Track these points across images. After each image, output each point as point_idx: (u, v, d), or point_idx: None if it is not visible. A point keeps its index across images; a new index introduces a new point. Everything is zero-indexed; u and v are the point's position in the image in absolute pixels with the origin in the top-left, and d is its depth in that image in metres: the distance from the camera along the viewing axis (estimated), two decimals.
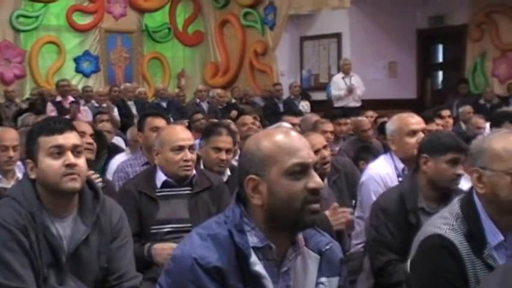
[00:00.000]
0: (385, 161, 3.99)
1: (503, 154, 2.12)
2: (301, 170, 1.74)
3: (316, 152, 4.11)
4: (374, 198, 3.80)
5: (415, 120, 3.90)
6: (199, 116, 8.09)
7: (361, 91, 11.26)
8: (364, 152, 5.33)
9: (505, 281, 1.27)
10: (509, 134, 2.21)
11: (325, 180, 4.31)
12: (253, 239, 1.76)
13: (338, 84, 11.30)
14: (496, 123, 4.63)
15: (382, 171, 3.88)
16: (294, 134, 1.83)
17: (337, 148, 6.66)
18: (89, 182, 2.42)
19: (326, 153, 4.14)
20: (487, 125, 5.96)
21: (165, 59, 13.99)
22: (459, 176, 3.03)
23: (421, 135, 3.75)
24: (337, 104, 11.19)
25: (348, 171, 4.52)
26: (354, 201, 4.26)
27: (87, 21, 13.08)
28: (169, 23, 14.05)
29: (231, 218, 1.79)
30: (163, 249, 3.13)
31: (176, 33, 14.15)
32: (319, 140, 4.13)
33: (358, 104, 11.15)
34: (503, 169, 2.10)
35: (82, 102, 10.66)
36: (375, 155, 4.92)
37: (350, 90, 11.13)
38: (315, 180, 1.75)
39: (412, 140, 3.77)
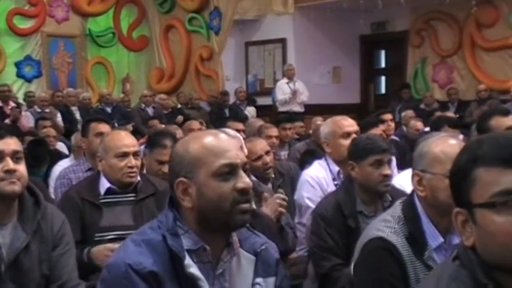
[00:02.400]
0: (319, 165, 4.03)
1: (442, 157, 2.16)
2: (229, 171, 1.75)
3: (259, 157, 4.15)
4: (308, 203, 3.87)
5: (348, 123, 3.96)
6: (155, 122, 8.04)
7: (305, 96, 11.38)
8: (309, 156, 5.38)
9: (440, 282, 1.31)
10: (448, 138, 2.27)
11: (270, 185, 4.34)
12: (187, 242, 1.76)
13: (283, 89, 11.40)
14: (435, 127, 4.74)
15: (316, 175, 3.93)
16: (222, 135, 1.83)
17: (282, 153, 6.71)
18: (30, 189, 2.37)
19: (268, 159, 4.19)
20: (427, 129, 6.10)
21: (110, 64, 13.82)
22: (386, 176, 3.09)
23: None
24: (282, 109, 11.27)
25: (292, 176, 4.55)
26: None
27: (28, 25, 12.81)
28: (114, 27, 13.89)
29: (164, 222, 1.78)
30: (101, 251, 3.07)
31: (121, 38, 14.00)
32: (261, 145, 4.17)
33: (302, 110, 11.28)
34: (442, 172, 2.14)
35: (24, 107, 10.45)
36: (321, 158, 4.98)
37: (294, 93, 11.23)
38: (244, 180, 1.76)
39: (346, 142, 3.77)
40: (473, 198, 1.27)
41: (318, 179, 3.92)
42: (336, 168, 3.91)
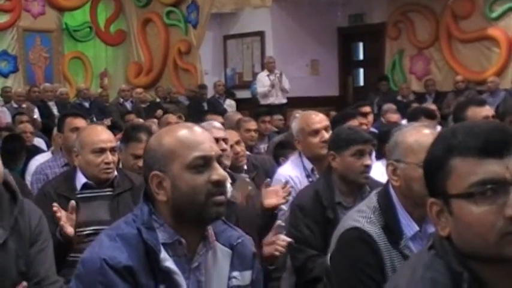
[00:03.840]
0: (293, 163, 4.00)
1: (415, 147, 2.18)
2: (203, 163, 1.74)
3: (230, 147, 4.17)
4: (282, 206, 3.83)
5: (317, 119, 3.88)
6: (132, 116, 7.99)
7: (287, 87, 11.40)
8: (282, 148, 5.37)
9: (415, 271, 1.31)
10: (421, 127, 2.29)
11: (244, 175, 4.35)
12: (162, 235, 1.76)
13: (263, 82, 11.40)
14: (412, 119, 4.77)
15: (290, 174, 3.90)
16: (196, 128, 1.83)
17: (262, 146, 6.71)
18: (6, 184, 2.34)
19: (239, 148, 4.23)
20: (404, 121, 6.14)
21: (87, 59, 13.71)
22: (367, 167, 3.10)
23: (324, 133, 3.77)
24: (263, 101, 11.28)
25: (267, 169, 4.55)
26: None
27: (4, 20, 12.65)
28: (91, 21, 13.77)
29: (139, 216, 1.78)
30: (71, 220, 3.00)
31: (98, 32, 13.89)
32: (231, 136, 4.18)
33: (285, 101, 11.30)
34: (415, 161, 2.15)
35: (0, 103, 10.35)
36: (293, 150, 4.99)
37: (273, 85, 11.24)
38: (218, 172, 1.75)
39: (316, 140, 3.79)
40: (450, 189, 1.26)
41: (291, 178, 3.88)
42: (309, 165, 3.87)
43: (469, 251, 1.26)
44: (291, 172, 3.91)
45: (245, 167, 4.40)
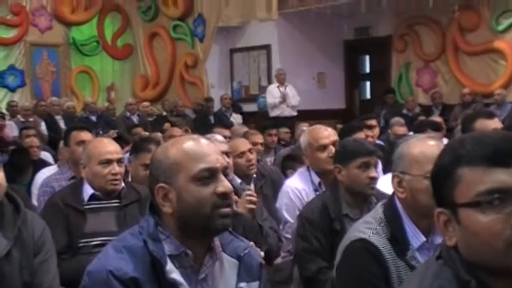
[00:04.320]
0: (301, 176, 4.00)
1: (420, 158, 2.18)
2: (209, 175, 1.74)
3: (242, 154, 4.24)
4: (286, 217, 3.85)
5: (325, 134, 3.87)
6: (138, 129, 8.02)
7: (296, 100, 11.43)
8: (290, 161, 5.39)
9: (423, 281, 1.31)
10: (426, 139, 2.29)
11: (252, 185, 4.37)
12: (168, 247, 1.76)
13: (273, 93, 11.45)
14: (419, 131, 4.77)
15: (297, 187, 3.90)
16: (202, 140, 1.83)
17: (268, 159, 6.72)
18: (9, 196, 2.35)
19: (251, 156, 4.28)
20: (411, 133, 6.14)
21: (94, 73, 13.79)
22: (373, 179, 3.10)
23: (331, 148, 3.75)
24: (272, 113, 11.34)
25: (274, 179, 4.57)
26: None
27: (11, 35, 12.75)
28: (98, 36, 13.86)
29: (145, 228, 1.77)
30: None
31: (105, 46, 13.97)
32: (244, 143, 4.29)
33: (294, 113, 11.33)
34: (421, 173, 2.15)
35: (7, 117, 10.39)
36: (302, 163, 5.01)
37: (284, 97, 11.28)
38: (224, 184, 1.75)
39: (323, 155, 3.78)
40: (457, 198, 1.26)
41: (298, 191, 3.88)
42: (317, 179, 3.87)
43: (476, 260, 1.25)
44: (299, 185, 3.91)
45: (254, 175, 4.43)
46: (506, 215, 1.21)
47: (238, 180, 4.33)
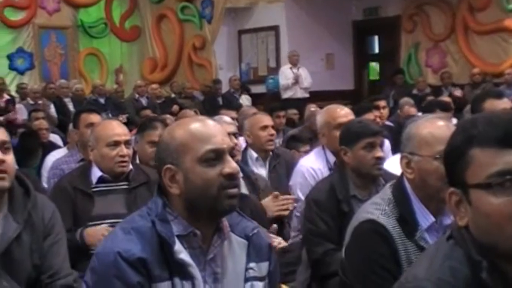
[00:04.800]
0: (316, 155, 4.01)
1: (429, 139, 2.16)
2: (215, 157, 1.74)
3: (265, 127, 4.39)
4: (300, 196, 3.86)
5: (342, 113, 3.89)
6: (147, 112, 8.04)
7: (308, 82, 11.41)
8: (294, 141, 5.40)
9: (434, 261, 1.30)
10: (435, 120, 2.27)
11: (267, 163, 4.40)
12: (177, 228, 1.76)
13: (286, 74, 11.43)
14: (427, 112, 4.75)
15: (313, 167, 3.91)
16: (209, 121, 1.83)
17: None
18: (19, 179, 2.36)
19: (273, 131, 4.46)
20: (419, 114, 6.13)
21: (102, 55, 13.77)
22: (379, 159, 3.08)
23: None
24: (285, 95, 11.35)
25: (287, 159, 4.60)
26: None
27: (20, 17, 12.74)
28: (105, 18, 13.82)
29: (153, 209, 1.78)
30: (96, 231, 3.08)
31: (113, 29, 13.94)
32: (267, 118, 4.54)
33: (307, 95, 11.31)
34: (430, 154, 2.14)
35: (17, 100, 10.42)
36: (305, 143, 5.06)
37: (297, 79, 11.26)
38: (230, 165, 1.75)
39: None
40: (469, 179, 1.26)
41: (314, 170, 3.90)
42: (332, 159, 3.87)
43: (487, 242, 1.25)
44: (314, 164, 3.93)
45: (272, 148, 4.52)
46: None
47: (255, 155, 4.39)
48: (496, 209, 1.22)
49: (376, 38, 13.69)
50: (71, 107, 10.64)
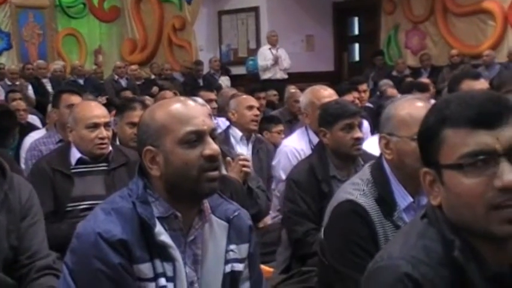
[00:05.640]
0: (299, 136, 4.04)
1: (408, 120, 2.17)
2: (196, 138, 1.73)
3: (250, 107, 4.48)
4: (282, 175, 3.88)
5: (327, 93, 3.95)
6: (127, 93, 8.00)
7: (287, 63, 11.40)
8: (266, 122, 5.40)
9: (408, 239, 1.32)
10: (414, 100, 2.28)
11: (250, 144, 4.43)
12: (158, 209, 1.76)
13: (265, 55, 11.41)
14: (405, 93, 4.79)
15: (295, 147, 3.93)
16: (190, 102, 1.81)
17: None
18: None
19: (258, 112, 4.57)
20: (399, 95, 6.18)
21: (81, 36, 13.62)
22: (357, 139, 3.11)
23: None
24: (264, 76, 11.33)
25: (269, 149, 4.64)
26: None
27: None
28: None
29: (134, 190, 1.77)
30: None
31: (91, 9, 13.78)
32: (252, 99, 4.68)
33: (285, 76, 11.31)
34: (408, 135, 2.15)
35: None
36: (277, 124, 5.10)
37: (276, 60, 11.24)
38: (211, 147, 1.74)
39: None
40: (441, 159, 1.27)
41: (297, 151, 3.92)
42: (316, 139, 3.88)
43: (459, 221, 1.27)
44: (296, 144, 3.95)
45: (253, 137, 4.57)
46: (488, 177, 1.22)
47: (239, 134, 4.43)
48: (467, 189, 1.23)
49: (356, 19, 13.69)
50: (49, 88, 10.54)
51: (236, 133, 4.48)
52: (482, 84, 3.93)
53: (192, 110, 1.77)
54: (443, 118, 1.27)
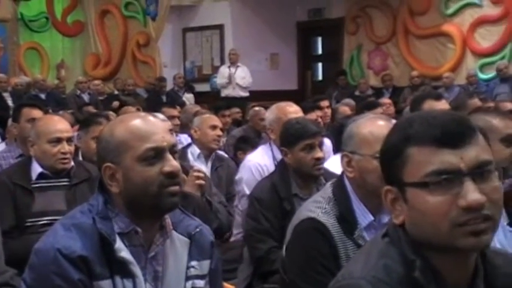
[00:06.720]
0: (263, 151, 4.06)
1: (370, 138, 2.20)
2: (155, 155, 1.72)
3: (214, 127, 4.51)
4: (246, 191, 3.88)
5: (292, 110, 3.99)
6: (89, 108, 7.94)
7: (247, 82, 11.44)
8: (243, 143, 5.43)
9: (369, 258, 1.33)
10: (376, 119, 2.31)
11: (209, 163, 4.43)
12: (118, 225, 1.75)
13: (223, 73, 11.49)
14: (360, 113, 4.90)
15: (259, 162, 3.95)
16: (150, 118, 1.81)
17: (221, 139, 6.73)
18: None
19: (220, 132, 4.62)
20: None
21: (43, 49, 13.50)
22: (318, 159, 3.12)
23: None
24: (223, 94, 11.42)
25: (230, 165, 4.64)
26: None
27: None
28: (47, 12, 13.56)
29: (95, 205, 1.76)
30: None
31: (54, 23, 13.67)
32: (216, 119, 4.74)
33: (245, 94, 11.35)
34: (370, 153, 2.18)
35: None
36: (254, 146, 5.10)
37: (229, 78, 11.29)
38: (170, 163, 1.73)
39: None
40: (405, 177, 1.27)
41: (260, 166, 3.93)
42: (279, 155, 3.87)
43: (423, 239, 1.27)
44: (260, 160, 3.96)
45: (213, 156, 4.57)
46: (453, 196, 1.22)
47: (197, 151, 4.43)
48: (432, 208, 1.23)
49: (319, 39, 13.83)
50: (9, 102, 10.38)
51: (195, 150, 4.50)
52: (443, 105, 4.01)
53: (151, 126, 1.76)
54: (408, 136, 1.27)
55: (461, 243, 1.23)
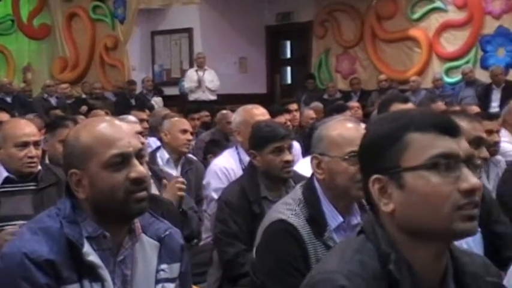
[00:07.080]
0: (229, 154, 4.04)
1: (339, 140, 2.23)
2: (121, 161, 1.71)
3: (184, 131, 4.49)
4: (213, 195, 3.87)
5: (259, 112, 3.99)
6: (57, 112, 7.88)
7: (215, 85, 11.43)
8: (212, 146, 5.43)
9: (344, 255, 1.34)
10: (345, 121, 2.34)
11: (179, 167, 4.42)
12: (86, 229, 1.73)
13: (191, 77, 11.46)
14: (328, 116, 4.94)
15: (225, 166, 3.94)
16: (116, 122, 1.79)
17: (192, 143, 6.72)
18: None
19: (190, 137, 4.60)
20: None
21: (9, 52, 13.34)
22: (287, 162, 3.13)
23: None
24: (191, 98, 11.37)
25: (199, 168, 4.62)
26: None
27: None
28: (13, 14, 13.40)
29: (62, 210, 1.75)
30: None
31: (20, 26, 13.52)
32: (188, 124, 4.69)
33: (213, 97, 11.34)
34: (339, 155, 2.20)
35: None
36: (223, 149, 5.08)
37: (199, 82, 11.27)
38: (136, 169, 1.72)
39: None
40: (405, 162, 1.28)
41: (226, 170, 3.91)
42: (246, 158, 3.87)
43: (417, 224, 1.28)
44: (226, 163, 3.95)
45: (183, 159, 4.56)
46: (454, 178, 1.26)
47: (166, 156, 4.41)
48: (435, 189, 1.26)
49: (288, 43, 13.90)
50: None
51: (163, 155, 4.48)
52: (410, 108, 4.05)
53: (117, 131, 1.75)
54: (406, 124, 1.30)
55: (459, 227, 1.26)
